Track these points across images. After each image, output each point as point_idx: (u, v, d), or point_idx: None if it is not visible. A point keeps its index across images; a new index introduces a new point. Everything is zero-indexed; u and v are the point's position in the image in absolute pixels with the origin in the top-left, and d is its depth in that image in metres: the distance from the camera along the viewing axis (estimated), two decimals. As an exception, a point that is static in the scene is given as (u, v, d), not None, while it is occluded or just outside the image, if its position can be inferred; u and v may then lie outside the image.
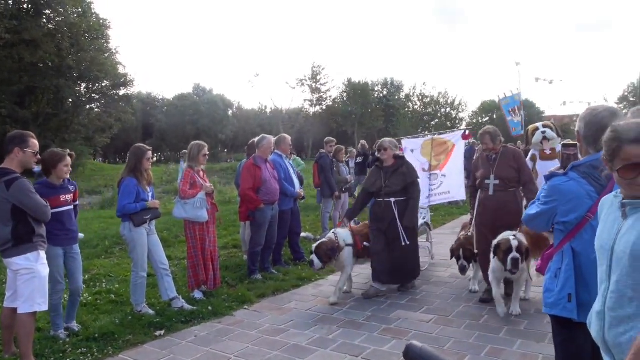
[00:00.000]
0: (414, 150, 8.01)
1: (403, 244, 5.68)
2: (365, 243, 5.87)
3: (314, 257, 5.47)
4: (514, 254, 4.64)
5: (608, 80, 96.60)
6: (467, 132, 8.04)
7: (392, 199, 5.71)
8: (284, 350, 4.25)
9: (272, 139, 6.70)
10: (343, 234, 5.73)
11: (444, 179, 7.98)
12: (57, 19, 30.06)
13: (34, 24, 27.14)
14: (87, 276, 6.57)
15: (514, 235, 4.77)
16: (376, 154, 6.08)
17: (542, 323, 4.60)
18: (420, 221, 7.00)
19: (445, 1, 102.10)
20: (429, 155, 7.95)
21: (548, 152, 9.52)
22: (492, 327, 4.63)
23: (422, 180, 7.62)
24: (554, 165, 9.17)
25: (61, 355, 4.18)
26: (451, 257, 5.86)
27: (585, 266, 2.37)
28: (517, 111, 12.86)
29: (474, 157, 11.72)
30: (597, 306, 1.83)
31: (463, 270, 5.69)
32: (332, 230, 5.88)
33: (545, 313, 2.58)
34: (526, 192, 5.26)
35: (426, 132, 8.76)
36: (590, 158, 2.41)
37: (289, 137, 7.33)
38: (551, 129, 9.60)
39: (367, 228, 6.04)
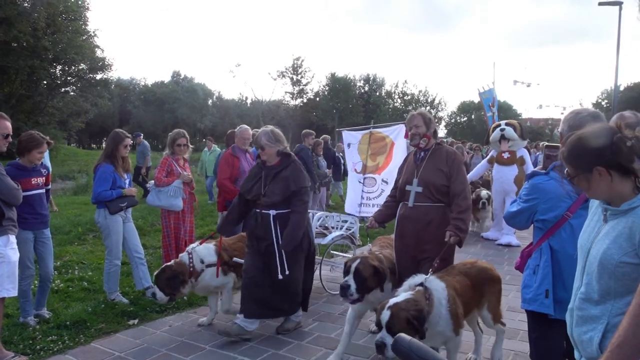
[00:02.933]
0: (350, 144, 6.87)
1: (280, 276, 4.18)
2: (235, 259, 4.61)
3: (155, 288, 4.34)
4: (380, 338, 2.95)
5: (583, 86, 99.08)
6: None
7: (272, 212, 4.22)
8: (259, 342, 4.24)
9: (249, 129, 6.65)
10: (203, 252, 4.53)
11: (384, 186, 6.46)
12: (33, -3, 29.10)
13: (7, 1, 26.24)
14: (59, 263, 6.42)
15: (421, 284, 3.15)
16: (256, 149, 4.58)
17: (514, 321, 4.69)
18: (340, 232, 5.90)
19: (431, 4, 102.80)
20: (365, 153, 6.63)
21: (506, 155, 8.36)
22: (465, 324, 4.69)
23: (353, 184, 6.67)
24: (512, 172, 8.29)
25: (31, 342, 4.08)
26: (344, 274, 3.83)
27: (562, 263, 2.44)
28: (491, 107, 11.91)
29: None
30: (570, 303, 1.89)
31: (343, 291, 3.65)
32: (190, 248, 4.58)
33: (523, 309, 2.64)
34: (454, 207, 3.73)
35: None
36: None
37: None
38: (515, 128, 8.50)
39: (242, 241, 4.80)
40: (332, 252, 5.88)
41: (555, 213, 2.48)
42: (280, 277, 4.18)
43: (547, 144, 3.37)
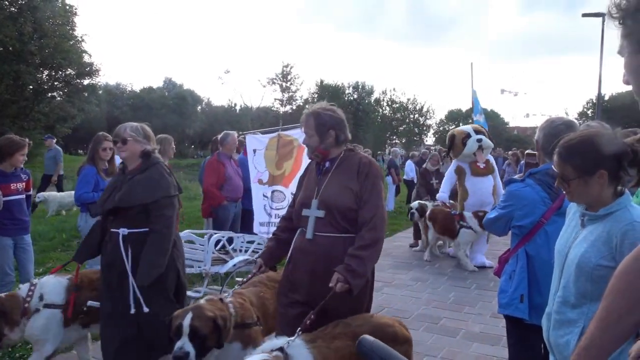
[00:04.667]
0: (256, 151, 5.76)
1: (131, 310, 3.09)
2: (91, 303, 3.39)
3: None
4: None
5: (569, 95, 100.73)
6: None
7: (123, 230, 3.14)
8: (242, 349, 4.21)
9: (235, 134, 6.67)
10: (47, 287, 3.36)
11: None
12: (20, 1, 28.91)
13: (-6, 6, 26.07)
14: (41, 269, 6.33)
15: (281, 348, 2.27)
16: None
17: (497, 327, 4.72)
18: (244, 256, 4.83)
19: (423, 15, 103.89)
20: (272, 161, 5.58)
21: (482, 165, 7.58)
22: (449, 330, 4.73)
23: (257, 199, 5.71)
24: (490, 183, 7.50)
25: (9, 350, 4.02)
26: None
27: (538, 269, 2.49)
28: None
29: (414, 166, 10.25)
30: (548, 307, 1.92)
31: None
32: (33, 280, 3.52)
33: (500, 314, 2.69)
34: (356, 239, 2.67)
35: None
36: (546, 166, 2.54)
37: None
38: (484, 135, 7.72)
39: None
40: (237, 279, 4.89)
41: (530, 219, 2.53)
42: (132, 311, 3.08)
43: (527, 152, 3.41)
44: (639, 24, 1.06)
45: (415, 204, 8.18)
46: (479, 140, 7.50)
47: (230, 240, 5.08)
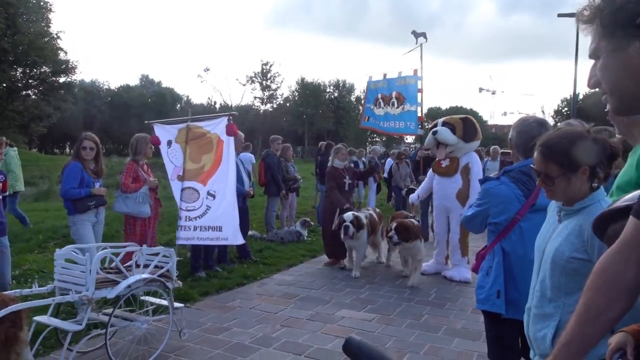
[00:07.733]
0: (171, 142, 5.12)
1: None
2: None
3: None
4: None
5: (546, 94, 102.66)
6: (231, 120, 4.94)
7: None
8: (225, 349, 4.20)
9: None
10: None
11: (210, 201, 4.85)
12: (-8, -3, 28.20)
13: (-35, 2, 25.35)
14: (17, 272, 6.19)
15: None
16: None
17: (477, 323, 4.79)
18: (140, 275, 3.87)
19: (405, 15, 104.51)
20: (184, 153, 5.04)
21: (444, 164, 6.54)
22: (431, 327, 4.78)
23: (177, 198, 5.03)
24: (454, 185, 6.36)
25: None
26: None
27: (514, 265, 2.55)
28: (389, 100, 9.29)
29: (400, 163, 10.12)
30: (528, 303, 1.96)
31: None
32: None
33: (478, 309, 2.73)
34: None
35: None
36: (520, 164, 2.59)
37: (241, 134, 7.22)
38: (454, 128, 6.37)
39: None
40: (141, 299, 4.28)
41: (505, 216, 2.58)
42: None
43: (502, 150, 3.46)
44: (618, 24, 1.05)
45: (349, 215, 6.61)
46: (434, 133, 6.48)
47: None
